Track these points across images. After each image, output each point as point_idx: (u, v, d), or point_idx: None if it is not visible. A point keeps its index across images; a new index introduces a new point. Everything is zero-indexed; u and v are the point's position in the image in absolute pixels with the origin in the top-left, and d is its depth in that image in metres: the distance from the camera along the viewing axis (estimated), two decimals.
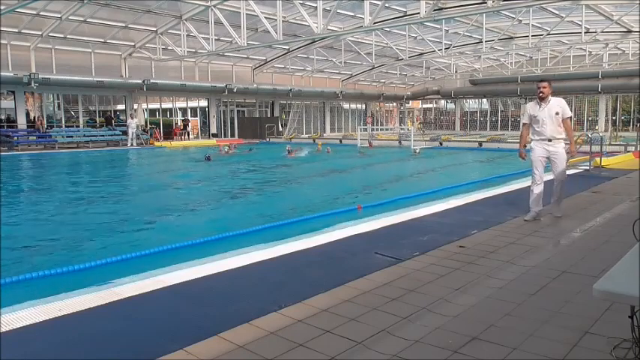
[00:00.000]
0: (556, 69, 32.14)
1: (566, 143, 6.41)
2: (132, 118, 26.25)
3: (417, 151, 21.19)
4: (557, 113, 6.16)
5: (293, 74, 34.55)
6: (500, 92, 37.66)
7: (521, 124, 6.79)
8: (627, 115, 35.39)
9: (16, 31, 21.65)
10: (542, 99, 6.23)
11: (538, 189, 6.35)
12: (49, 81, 22.91)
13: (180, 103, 33.15)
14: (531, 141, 6.48)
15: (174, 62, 27.55)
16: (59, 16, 20.39)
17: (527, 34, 23.35)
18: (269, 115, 35.39)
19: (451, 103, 42.90)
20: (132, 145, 25.35)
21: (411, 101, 44.78)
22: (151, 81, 26.50)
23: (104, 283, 4.20)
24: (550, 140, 6.24)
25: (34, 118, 25.33)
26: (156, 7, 20.88)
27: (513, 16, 22.34)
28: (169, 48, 23.66)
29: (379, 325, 3.21)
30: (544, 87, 6.20)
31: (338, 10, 18.88)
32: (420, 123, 43.91)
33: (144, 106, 30.87)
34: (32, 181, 14.48)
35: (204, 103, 32.58)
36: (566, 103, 6.43)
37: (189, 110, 35.57)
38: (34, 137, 24.08)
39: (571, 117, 6.35)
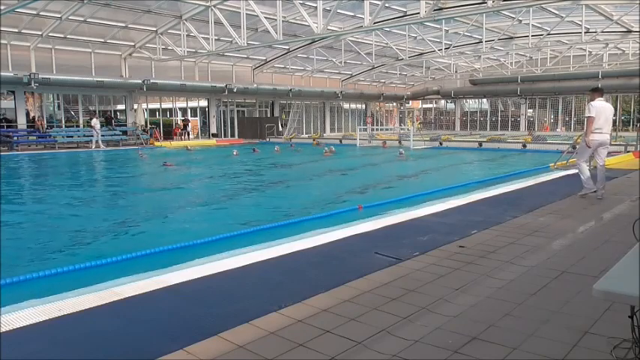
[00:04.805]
0: (556, 69, 32.13)
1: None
2: (95, 119, 24.87)
3: (402, 152, 20.31)
4: None
5: (293, 74, 34.54)
6: (500, 92, 37.67)
7: (587, 117, 7.92)
8: (627, 115, 35.37)
9: (16, 31, 21.66)
10: None
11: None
12: (49, 81, 22.91)
13: (181, 103, 33.14)
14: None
15: (174, 62, 27.53)
16: (59, 16, 20.39)
17: (527, 34, 23.33)
18: (269, 115, 35.39)
19: (451, 103, 42.89)
20: (97, 147, 24.21)
21: (411, 101, 44.78)
22: (151, 81, 26.49)
23: (104, 283, 4.20)
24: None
25: (34, 118, 25.31)
26: (156, 7, 20.87)
27: (513, 16, 22.33)
28: (169, 48, 23.65)
29: (379, 325, 3.21)
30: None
31: (338, 10, 18.87)
32: (419, 123, 43.88)
33: (144, 106, 30.85)
34: (24, 181, 14.47)
35: (204, 103, 32.58)
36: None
37: (189, 110, 35.55)
38: (34, 137, 24.11)
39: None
